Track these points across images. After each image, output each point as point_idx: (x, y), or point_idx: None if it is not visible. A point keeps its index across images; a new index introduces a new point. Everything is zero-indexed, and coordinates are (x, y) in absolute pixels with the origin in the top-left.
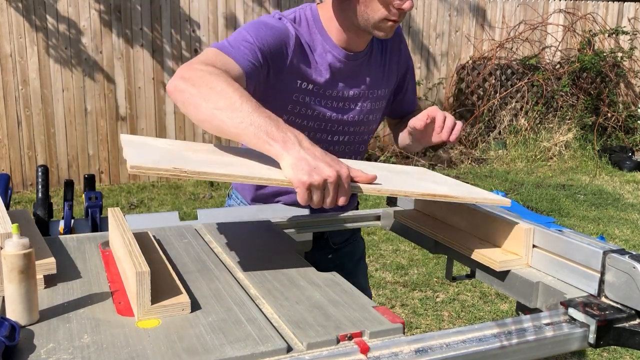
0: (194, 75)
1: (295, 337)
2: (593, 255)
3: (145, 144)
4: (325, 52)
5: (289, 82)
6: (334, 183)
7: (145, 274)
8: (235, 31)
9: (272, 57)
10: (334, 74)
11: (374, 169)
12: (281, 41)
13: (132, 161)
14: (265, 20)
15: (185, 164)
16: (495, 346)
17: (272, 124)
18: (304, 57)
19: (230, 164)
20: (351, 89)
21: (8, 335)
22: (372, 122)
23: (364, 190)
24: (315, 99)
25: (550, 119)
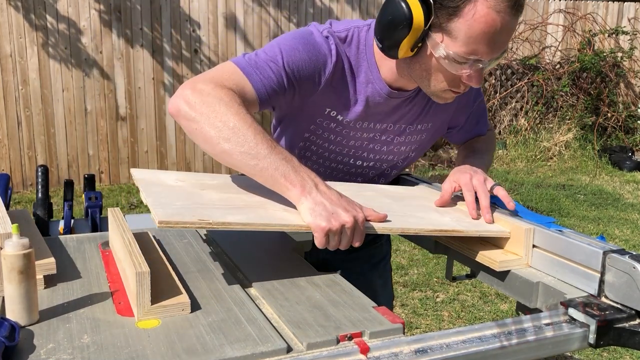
0: (202, 102)
1: (295, 337)
2: (593, 255)
3: (159, 183)
4: (367, 83)
5: (316, 107)
6: (350, 228)
7: (145, 274)
8: (271, 42)
9: (300, 83)
10: (368, 107)
11: (374, 193)
12: (316, 67)
13: (160, 217)
14: (306, 37)
15: (208, 213)
16: (495, 346)
17: (289, 167)
18: (340, 84)
19: (248, 204)
20: (384, 123)
21: (8, 335)
22: (405, 152)
23: (377, 230)
24: (341, 128)
25: (550, 119)
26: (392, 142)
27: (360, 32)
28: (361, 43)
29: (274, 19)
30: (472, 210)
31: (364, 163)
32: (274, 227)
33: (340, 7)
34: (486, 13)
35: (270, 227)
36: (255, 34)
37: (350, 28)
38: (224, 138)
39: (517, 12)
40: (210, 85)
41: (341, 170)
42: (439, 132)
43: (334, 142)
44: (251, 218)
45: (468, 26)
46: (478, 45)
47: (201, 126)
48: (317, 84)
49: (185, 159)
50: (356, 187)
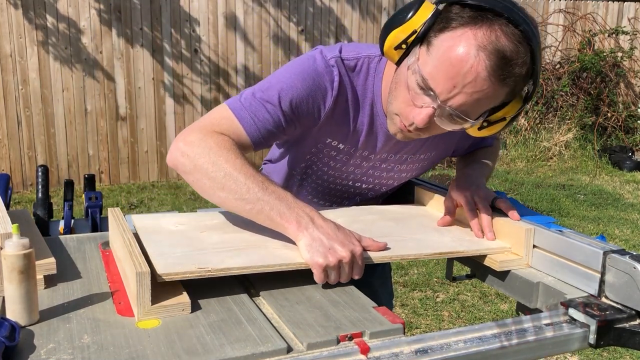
0: (193, 154)
1: (296, 338)
2: (593, 255)
3: (159, 230)
4: (372, 115)
5: (317, 136)
6: (348, 263)
7: (145, 274)
8: (270, 76)
9: (299, 119)
10: (370, 139)
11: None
12: (314, 102)
13: (160, 270)
14: (307, 69)
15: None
16: (495, 346)
17: (284, 205)
18: (342, 116)
19: (249, 244)
20: (385, 153)
21: (8, 335)
22: (406, 177)
23: (374, 260)
24: (341, 156)
25: (550, 119)
26: (393, 169)
27: (371, 63)
28: (370, 74)
29: (274, 19)
30: (477, 230)
31: (362, 185)
32: (274, 267)
33: (341, 7)
34: (467, 44)
35: (269, 269)
36: (255, 33)
37: (361, 57)
38: (218, 187)
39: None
40: (200, 134)
41: (339, 190)
42: (442, 157)
43: (334, 167)
44: (251, 260)
45: (446, 47)
46: (439, 74)
47: (196, 178)
48: (317, 118)
49: None
50: (355, 211)
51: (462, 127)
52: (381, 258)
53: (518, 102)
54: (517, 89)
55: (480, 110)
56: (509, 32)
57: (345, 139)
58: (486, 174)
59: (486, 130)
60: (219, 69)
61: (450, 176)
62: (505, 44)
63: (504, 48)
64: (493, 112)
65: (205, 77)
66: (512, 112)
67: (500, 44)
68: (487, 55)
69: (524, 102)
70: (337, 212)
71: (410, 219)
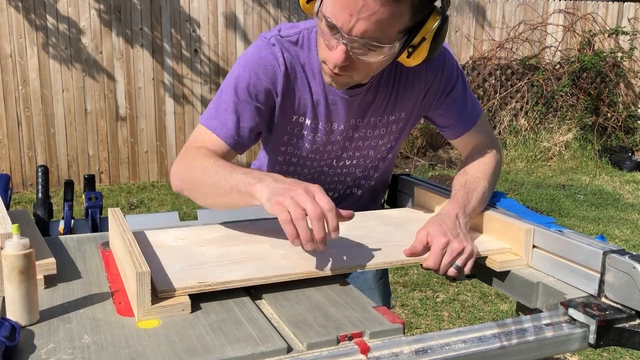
0: (180, 175)
1: (296, 338)
2: (593, 255)
3: (159, 245)
4: (324, 84)
5: (283, 118)
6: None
7: (145, 274)
8: (226, 77)
9: (261, 102)
10: (330, 106)
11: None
12: (270, 82)
13: (160, 287)
14: (254, 56)
15: (207, 273)
16: (495, 346)
17: (249, 176)
18: (297, 89)
19: (247, 256)
20: (353, 120)
21: (8, 335)
22: (386, 143)
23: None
24: (312, 134)
25: (550, 119)
26: (367, 136)
27: (311, 34)
28: (312, 44)
29: (274, 19)
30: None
31: (347, 162)
32: (272, 279)
33: None
34: None
35: (269, 280)
36: (255, 33)
37: (301, 31)
38: (203, 196)
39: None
40: (182, 154)
41: (328, 174)
42: (415, 118)
43: (312, 149)
44: (250, 273)
45: None
46: (335, 8)
47: (190, 193)
48: (276, 95)
49: None
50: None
51: (382, 55)
52: (382, 264)
53: (434, 17)
54: (417, 3)
55: (389, 33)
56: None
57: (308, 113)
58: (479, 200)
59: (415, 55)
60: (219, 69)
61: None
62: None
63: None
64: (412, 35)
65: (205, 77)
66: (431, 29)
67: None
68: None
69: (442, 17)
70: None
71: (410, 223)
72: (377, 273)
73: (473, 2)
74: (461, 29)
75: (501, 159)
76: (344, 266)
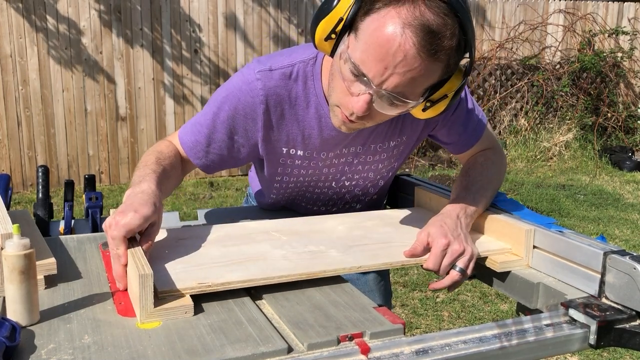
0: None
1: (296, 338)
2: (593, 256)
3: (160, 246)
4: (320, 117)
5: (273, 150)
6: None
7: (148, 277)
8: (211, 97)
9: (240, 137)
10: (326, 139)
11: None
12: (247, 117)
13: (160, 287)
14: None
15: (207, 274)
16: (495, 347)
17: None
18: (284, 122)
19: (248, 257)
20: (352, 147)
21: (9, 335)
22: (387, 166)
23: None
24: (307, 162)
25: (550, 119)
26: (367, 161)
27: (307, 67)
28: (308, 78)
29: (274, 19)
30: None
31: (345, 182)
32: (273, 279)
33: None
34: (392, 23)
35: (269, 281)
36: (255, 34)
37: (295, 63)
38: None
39: (426, 54)
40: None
41: (327, 194)
42: (418, 140)
43: (308, 175)
44: (250, 273)
45: (372, 29)
46: (369, 57)
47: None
48: (257, 131)
49: None
50: (356, 218)
51: (404, 109)
52: (383, 265)
53: (458, 77)
54: (451, 62)
55: (417, 90)
56: (433, 6)
57: (300, 145)
58: (482, 201)
59: (431, 111)
60: (219, 69)
61: (450, 176)
62: (430, 17)
63: (430, 22)
64: (434, 91)
65: (205, 78)
66: (453, 88)
67: (425, 19)
68: (414, 32)
69: (464, 76)
70: (338, 219)
71: (410, 224)
72: (378, 275)
73: (473, 2)
74: None
75: (505, 162)
76: (344, 267)
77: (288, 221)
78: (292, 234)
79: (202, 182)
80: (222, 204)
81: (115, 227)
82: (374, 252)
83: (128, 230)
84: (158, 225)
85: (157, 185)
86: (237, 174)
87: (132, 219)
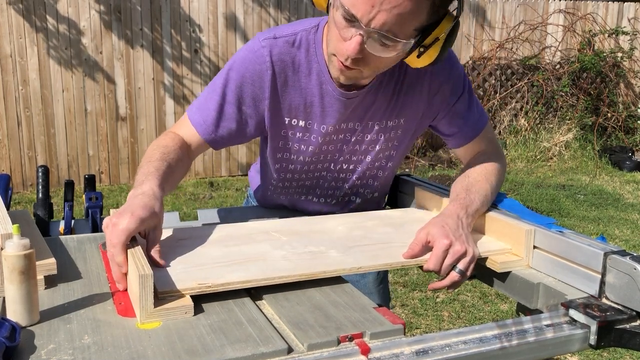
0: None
1: (296, 338)
2: (594, 256)
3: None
4: (321, 84)
5: (276, 120)
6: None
7: (148, 277)
8: (219, 72)
9: (247, 105)
10: (326, 108)
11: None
12: (254, 83)
13: (160, 288)
14: (240, 57)
15: (208, 275)
16: (495, 347)
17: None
18: (289, 90)
19: (248, 257)
20: (350, 122)
21: (9, 336)
22: (381, 152)
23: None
24: (308, 135)
25: (550, 119)
26: (365, 140)
27: (309, 35)
28: (310, 46)
29: (274, 19)
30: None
31: (344, 166)
32: (273, 280)
33: None
34: None
35: (269, 282)
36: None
37: (298, 32)
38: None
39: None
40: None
41: (326, 179)
42: (418, 129)
43: (307, 152)
44: (251, 274)
45: None
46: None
47: None
48: (265, 98)
49: None
50: (356, 218)
51: (396, 51)
52: (383, 265)
53: (448, 20)
54: (436, 1)
55: (406, 29)
56: None
57: (302, 115)
58: (482, 202)
59: (425, 57)
60: (219, 69)
61: (450, 176)
62: None
63: None
64: (425, 35)
65: (205, 78)
66: (444, 31)
67: None
68: None
69: (455, 20)
70: (338, 220)
71: (410, 224)
72: (377, 277)
73: (473, 2)
74: (461, 29)
75: (505, 166)
76: (344, 267)
77: (288, 221)
78: (292, 234)
79: (202, 182)
80: (222, 204)
81: (114, 232)
82: (374, 252)
83: (127, 236)
84: (160, 228)
85: (159, 184)
86: (237, 174)
87: (129, 222)
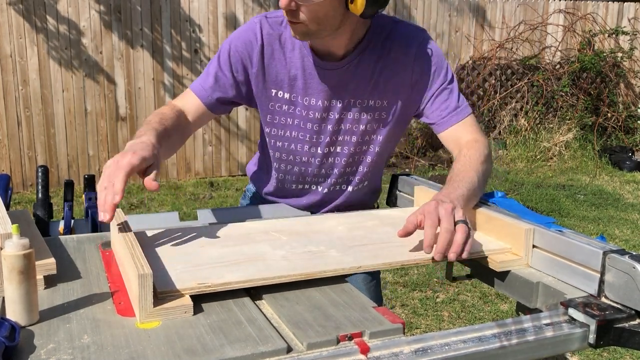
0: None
1: (295, 338)
2: (593, 255)
3: (160, 246)
4: (302, 57)
5: (264, 92)
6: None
7: (147, 276)
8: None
9: (237, 70)
10: (308, 79)
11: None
12: (245, 51)
13: (160, 287)
14: (239, 30)
15: (207, 275)
16: (495, 346)
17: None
18: (275, 62)
19: (247, 257)
20: (332, 98)
21: (8, 335)
22: (366, 134)
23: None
24: (292, 108)
25: (550, 119)
26: (347, 118)
27: None
28: None
29: None
30: (426, 246)
31: (330, 148)
32: (273, 280)
33: None
34: None
35: (268, 281)
36: None
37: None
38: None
39: None
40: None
41: (315, 164)
42: (403, 115)
43: (292, 126)
44: (250, 273)
45: None
46: None
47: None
48: (252, 66)
49: (185, 159)
50: (356, 218)
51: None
52: (383, 265)
53: None
54: None
55: None
56: None
57: (287, 87)
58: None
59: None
60: None
61: None
62: None
63: None
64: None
65: None
66: None
67: None
68: None
69: None
70: (338, 219)
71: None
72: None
73: (473, 2)
74: (461, 29)
75: (490, 155)
76: (344, 267)
77: (288, 221)
78: (291, 234)
79: (202, 182)
80: (222, 204)
81: (119, 164)
82: (374, 252)
83: (131, 168)
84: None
85: (157, 139)
86: (237, 174)
87: (132, 158)
